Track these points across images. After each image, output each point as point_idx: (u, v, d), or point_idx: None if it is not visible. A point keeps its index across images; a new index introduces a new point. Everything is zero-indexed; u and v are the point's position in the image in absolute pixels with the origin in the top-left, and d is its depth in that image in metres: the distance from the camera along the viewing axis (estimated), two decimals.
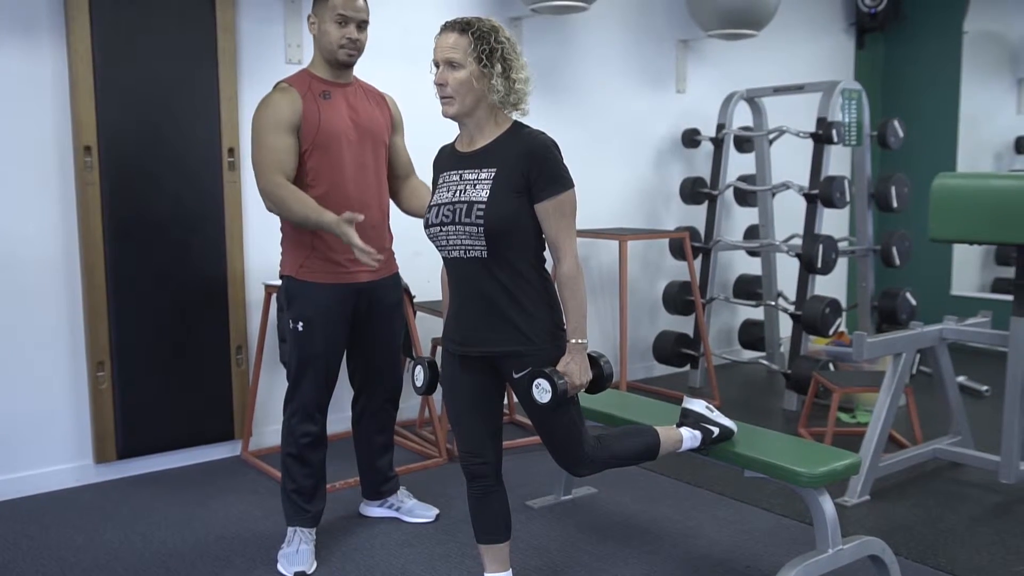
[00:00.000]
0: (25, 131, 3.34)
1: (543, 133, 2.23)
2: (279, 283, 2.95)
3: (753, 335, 5.40)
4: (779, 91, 5.02)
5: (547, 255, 2.28)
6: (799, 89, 4.93)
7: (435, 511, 3.17)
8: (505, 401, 2.53)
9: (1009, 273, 5.99)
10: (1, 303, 3.33)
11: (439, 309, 3.77)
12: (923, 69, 6.26)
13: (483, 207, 2.15)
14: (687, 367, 5.25)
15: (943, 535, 3.03)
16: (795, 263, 4.75)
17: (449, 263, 2.29)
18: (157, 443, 3.67)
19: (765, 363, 5.10)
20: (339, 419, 3.71)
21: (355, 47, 2.76)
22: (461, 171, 2.25)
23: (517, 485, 3.45)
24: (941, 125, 6.15)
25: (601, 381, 2.30)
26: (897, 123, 4.85)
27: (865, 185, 4.91)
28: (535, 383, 2.19)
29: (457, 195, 2.21)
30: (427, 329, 4.19)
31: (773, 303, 5.06)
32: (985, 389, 4.86)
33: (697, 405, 2.68)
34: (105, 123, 3.43)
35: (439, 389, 2.49)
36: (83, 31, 3.35)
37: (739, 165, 5.38)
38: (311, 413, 2.82)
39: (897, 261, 4.85)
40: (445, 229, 2.22)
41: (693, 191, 5.19)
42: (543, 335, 2.23)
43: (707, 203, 5.19)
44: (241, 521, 3.18)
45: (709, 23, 4.95)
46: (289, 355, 2.85)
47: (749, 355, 5.55)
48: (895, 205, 4.78)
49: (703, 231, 5.21)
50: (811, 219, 4.63)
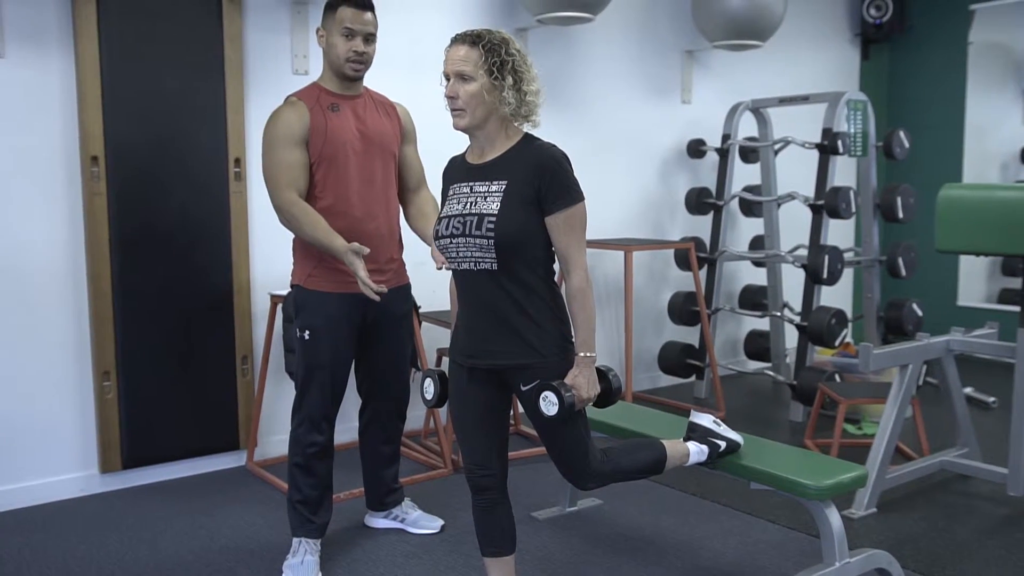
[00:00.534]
0: (33, 141, 3.36)
1: (554, 146, 2.22)
2: (285, 293, 2.96)
3: (758, 346, 5.39)
4: (784, 102, 5.03)
5: (556, 267, 2.28)
6: (804, 100, 4.93)
7: (440, 523, 3.17)
8: (511, 412, 2.51)
9: (1016, 284, 5.99)
10: (8, 312, 3.34)
11: (445, 320, 3.77)
12: (928, 80, 6.26)
13: (494, 220, 2.15)
14: (692, 378, 5.24)
15: (951, 548, 3.02)
16: (800, 273, 4.75)
17: (458, 275, 2.29)
18: (162, 453, 3.67)
19: (771, 374, 5.09)
20: (345, 429, 3.71)
21: (362, 60, 2.77)
22: (472, 183, 2.24)
23: (522, 496, 3.44)
24: (947, 136, 6.15)
25: (609, 395, 2.30)
26: (903, 134, 4.85)
27: (871, 196, 4.90)
28: (543, 396, 2.18)
29: (467, 207, 2.21)
30: (433, 340, 4.19)
31: (779, 314, 5.05)
32: (992, 400, 4.85)
33: (704, 420, 2.67)
34: (112, 133, 3.44)
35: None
36: (91, 42, 3.37)
37: (744, 176, 5.37)
38: (317, 423, 2.82)
39: (903, 272, 4.84)
40: (455, 241, 2.22)
41: (698, 201, 5.19)
42: (551, 348, 2.22)
43: (712, 213, 5.19)
44: (246, 532, 3.18)
45: (714, 34, 4.97)
46: (296, 365, 2.86)
47: (754, 366, 5.53)
48: (901, 216, 4.78)
49: (708, 241, 5.21)
50: (817, 230, 4.62)
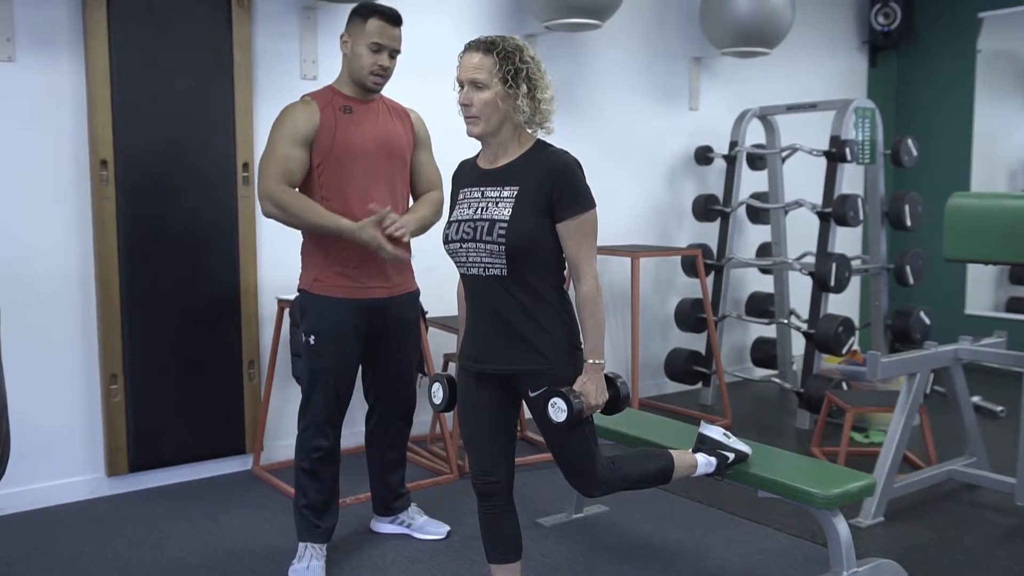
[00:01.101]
0: (43, 145, 3.37)
1: (566, 152, 2.22)
2: (292, 298, 2.96)
3: (765, 353, 5.38)
4: (792, 109, 5.02)
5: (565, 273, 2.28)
6: (812, 107, 4.92)
7: (446, 528, 3.16)
8: (518, 418, 2.51)
9: None
10: (17, 315, 3.34)
11: (452, 325, 3.77)
12: (936, 88, 6.25)
13: (505, 225, 2.14)
14: (699, 384, 5.23)
15: (959, 558, 3.00)
16: (807, 281, 4.74)
17: (467, 280, 2.28)
18: (169, 456, 3.67)
19: (777, 381, 5.08)
20: (352, 434, 3.71)
21: (384, 74, 2.78)
22: (483, 188, 2.24)
23: (528, 502, 3.44)
24: (955, 144, 6.14)
25: (618, 402, 2.29)
26: (911, 142, 4.84)
27: (878, 203, 4.89)
28: (551, 402, 2.17)
29: (479, 212, 2.21)
30: (439, 344, 4.19)
31: (785, 321, 5.04)
32: (1000, 410, 4.83)
33: (714, 432, 2.66)
34: (121, 137, 3.45)
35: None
36: (101, 47, 3.38)
37: (752, 182, 5.37)
38: (323, 427, 2.82)
39: (911, 280, 4.82)
40: (465, 246, 2.21)
41: (706, 208, 5.19)
42: (560, 354, 2.22)
43: (720, 220, 5.19)
44: (252, 536, 3.18)
45: (722, 41, 4.97)
46: (302, 369, 2.86)
47: (761, 373, 5.52)
48: (909, 224, 4.77)
49: (715, 248, 5.20)
50: (824, 237, 4.61)
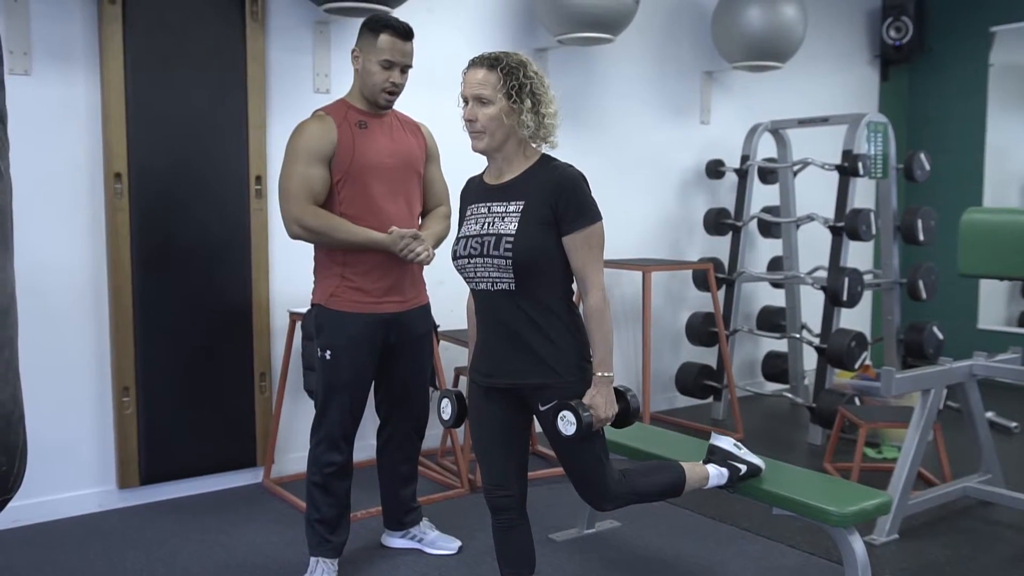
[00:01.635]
0: (58, 157, 3.39)
1: (571, 166, 2.23)
2: (303, 311, 2.96)
3: (776, 367, 5.35)
4: (804, 123, 5.01)
5: (574, 287, 2.27)
6: (824, 121, 4.92)
7: (457, 543, 3.15)
8: (530, 432, 2.50)
9: None
10: (30, 327, 3.33)
11: (463, 339, 3.76)
12: (949, 102, 6.24)
13: (511, 240, 2.15)
14: (710, 399, 5.21)
15: None
16: (818, 295, 4.72)
17: (477, 295, 2.29)
18: (180, 469, 3.67)
19: (789, 396, 5.06)
20: (363, 447, 3.70)
21: (396, 91, 2.78)
22: (489, 203, 2.25)
23: (540, 517, 3.42)
24: (967, 158, 6.12)
25: (627, 415, 2.28)
26: (923, 156, 4.82)
27: (891, 218, 4.88)
28: (560, 415, 2.17)
29: (485, 227, 2.21)
30: (450, 358, 4.18)
31: (797, 335, 5.02)
32: (1014, 426, 4.79)
33: (725, 442, 2.65)
34: (135, 151, 3.47)
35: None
36: (116, 60, 3.41)
37: (763, 196, 5.36)
38: (337, 442, 2.82)
39: (924, 295, 4.80)
40: (473, 261, 2.22)
41: (717, 222, 5.18)
42: (570, 367, 2.22)
43: (731, 234, 5.18)
44: (263, 550, 3.17)
45: (734, 55, 4.97)
46: (317, 384, 2.85)
47: (772, 387, 5.50)
48: (921, 238, 4.75)
49: (727, 262, 5.19)
50: (836, 252, 4.60)
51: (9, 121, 1.41)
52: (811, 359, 4.88)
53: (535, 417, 2.31)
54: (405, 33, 2.74)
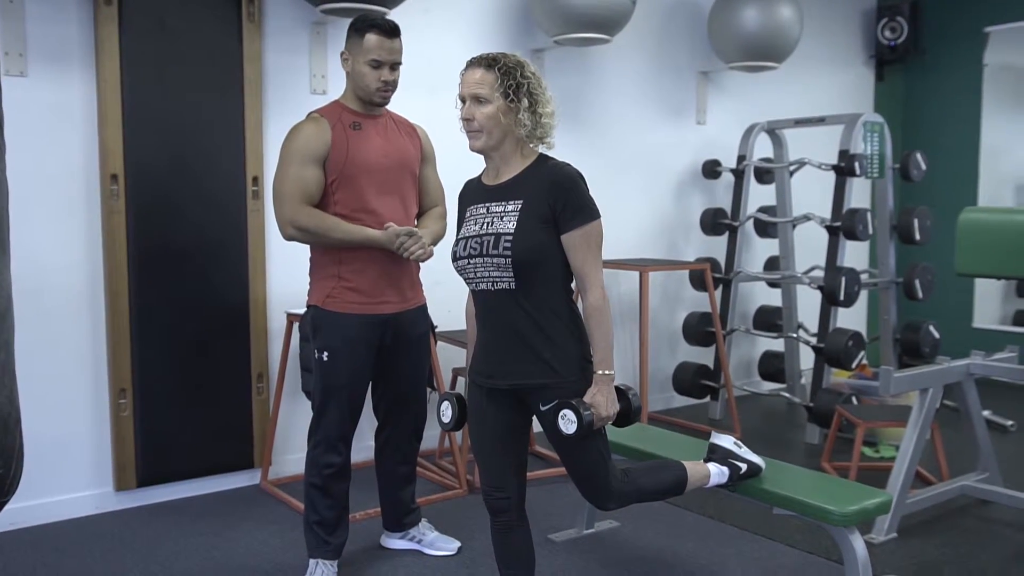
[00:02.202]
0: (54, 159, 3.37)
1: (569, 164, 2.24)
2: (301, 312, 2.94)
3: (773, 367, 5.36)
4: (800, 123, 5.02)
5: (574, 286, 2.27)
6: (821, 121, 4.92)
7: (457, 544, 3.15)
8: (530, 433, 2.50)
9: None
10: (26, 329, 3.32)
11: (461, 339, 3.76)
12: (943, 102, 6.25)
13: (510, 239, 2.15)
14: (707, 398, 5.21)
15: (974, 575, 2.98)
16: (814, 294, 4.73)
17: (477, 295, 2.28)
18: (177, 471, 3.66)
19: (786, 395, 5.06)
20: (361, 448, 3.69)
21: (389, 88, 2.78)
22: (488, 204, 2.25)
23: (539, 518, 3.42)
24: (962, 158, 6.13)
25: (629, 414, 2.28)
26: (920, 156, 4.83)
27: (887, 217, 4.88)
28: (561, 414, 2.17)
29: (484, 227, 2.22)
30: (448, 359, 4.17)
31: (794, 335, 5.02)
32: (1010, 424, 4.80)
33: (725, 441, 2.65)
34: (132, 152, 3.46)
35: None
36: (112, 62, 3.39)
37: (760, 196, 5.36)
38: (335, 444, 2.81)
39: (920, 294, 4.81)
40: (473, 261, 2.22)
41: (714, 222, 5.18)
42: (571, 367, 2.21)
43: (728, 234, 5.18)
44: (261, 552, 3.16)
45: (730, 55, 4.98)
46: (314, 385, 2.85)
47: (769, 387, 5.50)
48: (918, 238, 4.76)
49: (723, 262, 5.19)
50: (833, 251, 4.60)
51: (5, 123, 1.40)
52: (808, 359, 4.89)
53: (535, 417, 2.31)
54: (390, 31, 2.74)
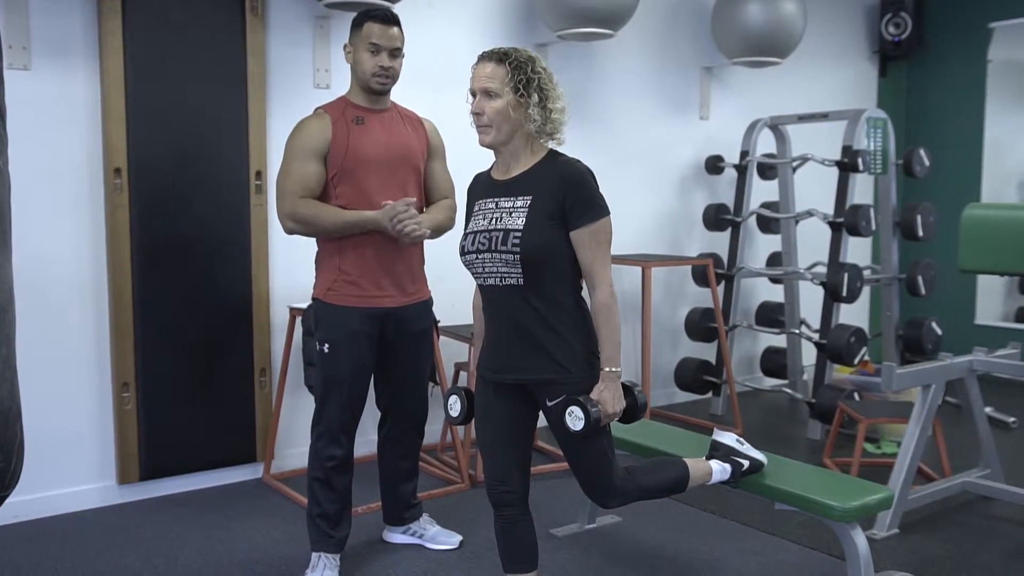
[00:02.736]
0: (57, 152, 3.38)
1: (579, 161, 2.24)
2: (304, 306, 2.95)
3: (775, 363, 5.36)
4: (804, 119, 5.02)
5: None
6: (824, 117, 4.92)
7: (458, 538, 3.15)
8: (535, 429, 2.50)
9: None
10: (30, 322, 3.34)
11: (464, 334, 3.76)
12: (947, 98, 6.24)
13: (519, 235, 2.15)
14: (709, 394, 5.21)
15: (976, 572, 2.98)
16: (817, 290, 4.73)
17: (485, 291, 2.29)
18: (180, 465, 3.66)
19: (788, 391, 5.06)
20: (364, 442, 3.70)
21: (388, 75, 2.78)
22: (497, 199, 2.25)
23: (541, 513, 3.42)
24: (965, 154, 6.12)
25: (635, 411, 2.29)
26: (923, 152, 4.83)
27: (890, 213, 4.88)
28: (568, 411, 2.17)
29: (493, 223, 2.22)
30: (451, 354, 4.18)
31: (796, 331, 5.03)
32: (1012, 421, 4.80)
33: (727, 438, 2.66)
34: (135, 146, 3.46)
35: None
36: (116, 55, 3.39)
37: (762, 192, 5.36)
38: (337, 436, 2.82)
39: (923, 290, 4.81)
40: (481, 256, 2.22)
41: (716, 218, 5.18)
42: (578, 363, 2.22)
43: (730, 230, 5.18)
44: (264, 545, 3.17)
45: (733, 50, 4.97)
46: (316, 378, 2.85)
47: (771, 383, 5.51)
48: (921, 234, 4.75)
49: (726, 258, 5.19)
50: (836, 247, 4.60)
51: (8, 117, 1.40)
52: (810, 355, 4.89)
53: (541, 412, 2.31)
54: (388, 19, 2.77)
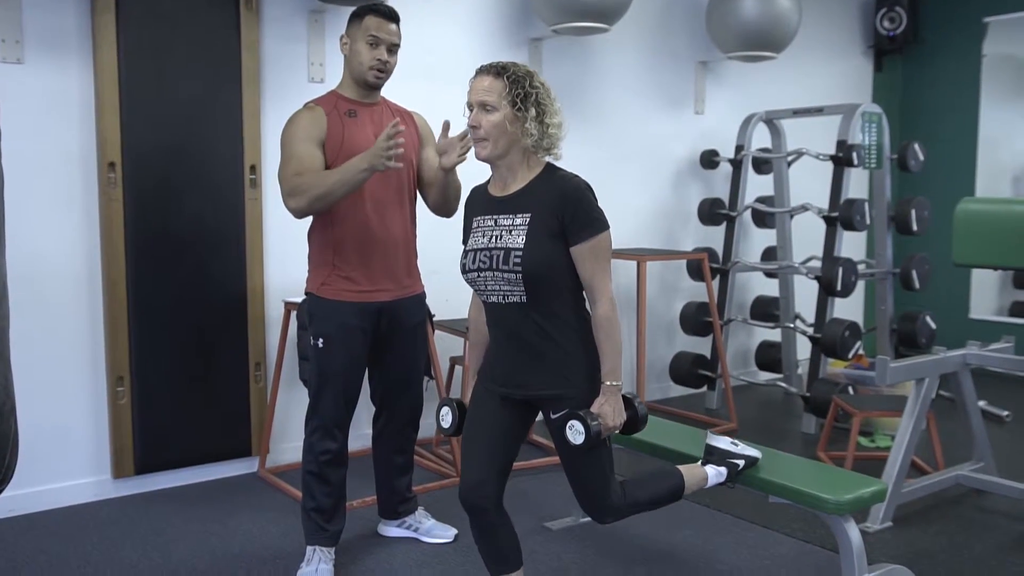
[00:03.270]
0: (51, 147, 3.37)
1: (577, 176, 2.24)
2: (299, 300, 2.95)
3: (770, 357, 5.37)
4: (799, 113, 5.02)
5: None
6: (819, 111, 4.92)
7: (453, 531, 3.16)
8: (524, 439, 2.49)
9: None
10: (24, 317, 3.32)
11: (459, 328, 3.77)
12: (942, 92, 6.25)
13: (520, 254, 2.15)
14: (704, 388, 5.22)
15: (969, 564, 2.99)
16: (812, 284, 4.74)
17: (488, 307, 2.30)
18: (175, 459, 3.66)
19: (782, 385, 5.07)
20: (358, 436, 3.71)
21: (384, 69, 2.78)
22: (496, 216, 2.25)
23: (535, 506, 3.43)
24: (959, 148, 6.14)
25: (636, 423, 2.29)
26: (918, 146, 4.84)
27: (885, 208, 4.89)
28: (569, 424, 2.18)
29: (493, 241, 2.22)
30: (445, 348, 4.18)
31: (791, 325, 5.04)
32: (1006, 414, 4.82)
33: (722, 442, 2.66)
34: (129, 140, 3.45)
35: None
36: (110, 49, 3.38)
37: (757, 187, 5.37)
38: (331, 430, 2.82)
39: (917, 284, 4.82)
40: (483, 275, 2.23)
41: (711, 212, 5.19)
42: (582, 377, 2.22)
43: (725, 224, 5.19)
44: (259, 539, 3.17)
45: (729, 45, 4.97)
46: (310, 372, 2.86)
47: (766, 376, 5.52)
48: (915, 228, 4.77)
49: (721, 252, 5.20)
50: (831, 241, 4.61)
51: (1, 111, 1.39)
52: (805, 348, 4.90)
53: (546, 425, 2.31)
54: (390, 15, 2.78)
